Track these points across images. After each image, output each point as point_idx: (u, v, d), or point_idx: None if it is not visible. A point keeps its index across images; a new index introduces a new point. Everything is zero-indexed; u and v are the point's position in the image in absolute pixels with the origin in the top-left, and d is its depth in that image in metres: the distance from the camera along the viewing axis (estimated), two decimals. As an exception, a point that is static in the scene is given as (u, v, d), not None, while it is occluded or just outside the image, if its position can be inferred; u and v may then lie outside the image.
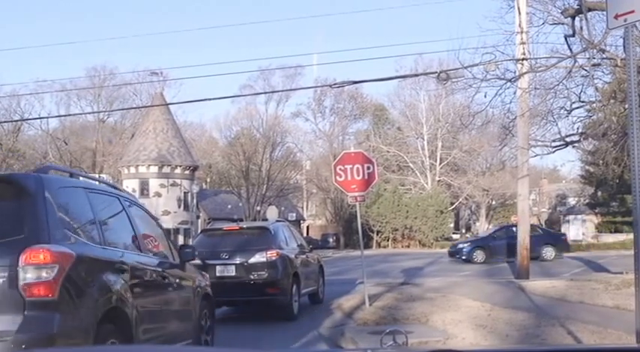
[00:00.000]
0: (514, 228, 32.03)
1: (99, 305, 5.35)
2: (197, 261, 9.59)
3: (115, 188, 7.36)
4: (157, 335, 6.47)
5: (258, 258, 12.26)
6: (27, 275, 4.86)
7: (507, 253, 29.36)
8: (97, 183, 7.16)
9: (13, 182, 5.58)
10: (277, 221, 16.73)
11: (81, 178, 6.63)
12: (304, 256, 14.18)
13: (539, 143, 19.67)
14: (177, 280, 7.37)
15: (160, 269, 6.91)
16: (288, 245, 13.50)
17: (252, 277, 12.14)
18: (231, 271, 12.13)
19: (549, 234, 32.53)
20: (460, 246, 32.10)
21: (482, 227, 75.96)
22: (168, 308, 6.97)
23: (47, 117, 55.45)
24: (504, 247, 29.77)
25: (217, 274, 11.90)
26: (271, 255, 12.28)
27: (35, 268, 4.87)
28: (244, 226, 15.38)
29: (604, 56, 14.79)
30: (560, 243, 31.12)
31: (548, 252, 29.81)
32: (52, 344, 4.79)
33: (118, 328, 5.60)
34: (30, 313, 4.83)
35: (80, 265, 5.23)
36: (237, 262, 12.26)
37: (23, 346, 4.70)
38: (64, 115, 56.58)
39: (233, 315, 13.16)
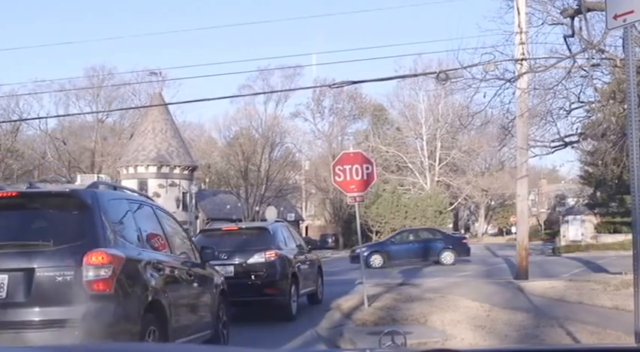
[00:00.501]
0: (417, 233, 32.36)
1: (143, 298, 6.38)
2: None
3: (147, 197, 8.53)
4: (185, 325, 7.36)
5: (257, 258, 12.25)
6: (89, 274, 5.92)
7: (410, 256, 29.52)
8: (134, 194, 8.19)
9: (74, 196, 6.61)
10: (276, 221, 16.76)
11: (124, 190, 7.94)
12: (303, 256, 14.16)
13: (539, 143, 19.67)
14: (200, 277, 8.25)
15: (186, 268, 7.86)
16: (287, 245, 13.49)
17: (250, 277, 12.15)
18: (230, 271, 12.12)
19: (449, 238, 31.54)
20: (358, 251, 31.38)
21: (482, 227, 76.15)
22: (193, 301, 7.86)
23: (46, 117, 55.53)
24: (405, 251, 29.73)
25: None
26: (270, 255, 12.28)
27: (95, 268, 5.93)
28: (243, 226, 15.38)
29: (603, 56, 14.79)
30: (459, 246, 30.29)
31: (448, 257, 29.26)
32: (108, 331, 5.87)
33: (156, 317, 6.57)
34: (91, 304, 5.87)
35: (128, 265, 6.25)
36: (236, 262, 12.23)
37: (87, 332, 5.74)
38: (63, 115, 56.60)
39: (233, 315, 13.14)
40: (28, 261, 5.99)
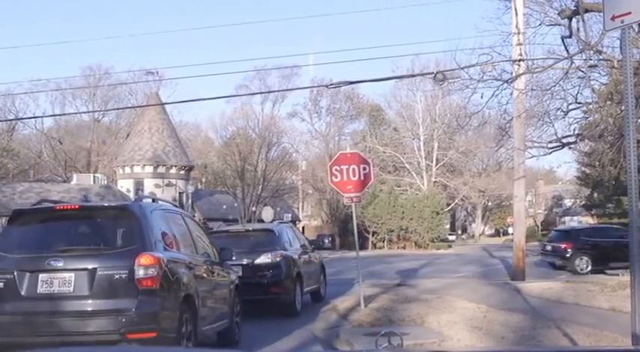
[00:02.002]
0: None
1: (179, 291, 7.67)
2: None
3: (176, 206, 9.99)
4: (208, 315, 8.60)
5: (263, 258, 12.81)
6: (140, 273, 7.18)
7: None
8: (168, 204, 9.45)
9: (125, 209, 8.07)
10: (280, 222, 17.28)
11: (159, 202, 9.09)
12: (307, 256, 14.71)
13: (536, 144, 19.67)
14: (219, 274, 9.52)
15: (209, 267, 9.08)
16: (292, 246, 14.05)
17: (257, 277, 12.67)
18: (238, 271, 12.39)
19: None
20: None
21: (479, 228, 76.21)
22: (215, 295, 9.08)
23: (42, 117, 55.42)
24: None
25: None
26: (276, 256, 12.86)
27: (144, 268, 7.20)
28: (250, 229, 15.93)
29: (601, 57, 14.79)
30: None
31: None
32: (156, 319, 7.17)
33: (189, 308, 7.82)
34: (142, 297, 7.15)
35: (169, 265, 7.52)
36: (244, 263, 12.61)
37: (137, 320, 7.07)
38: (59, 115, 56.52)
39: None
40: (90, 262, 7.30)
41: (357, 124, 68.51)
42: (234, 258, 11.98)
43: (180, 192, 41.83)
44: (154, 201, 8.91)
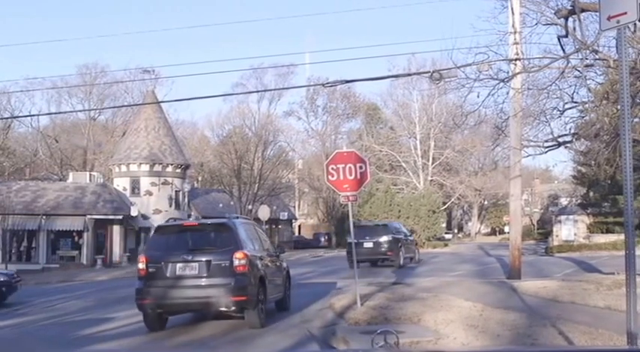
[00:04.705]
0: None
1: (257, 274, 11.94)
2: None
3: (249, 219, 14.88)
4: (272, 289, 12.69)
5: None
6: (235, 262, 11.44)
7: None
8: (247, 219, 14.65)
9: (225, 224, 12.34)
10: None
11: (242, 219, 13.61)
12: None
13: (532, 143, 19.70)
14: (278, 263, 13.81)
15: (271, 258, 13.36)
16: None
17: None
18: None
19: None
20: None
21: (475, 227, 76.31)
22: (275, 277, 13.19)
23: (38, 115, 55.37)
24: None
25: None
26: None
27: (238, 259, 11.46)
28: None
29: (597, 57, 14.80)
30: None
31: None
32: (245, 289, 11.33)
33: (262, 285, 11.99)
34: (237, 277, 11.39)
35: (251, 258, 11.76)
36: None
37: (234, 290, 11.31)
38: (55, 113, 56.38)
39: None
40: (207, 256, 11.60)
41: (354, 123, 68.65)
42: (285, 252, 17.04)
43: (176, 191, 41.76)
44: (238, 218, 13.43)
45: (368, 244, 25.97)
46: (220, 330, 11.85)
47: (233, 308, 11.43)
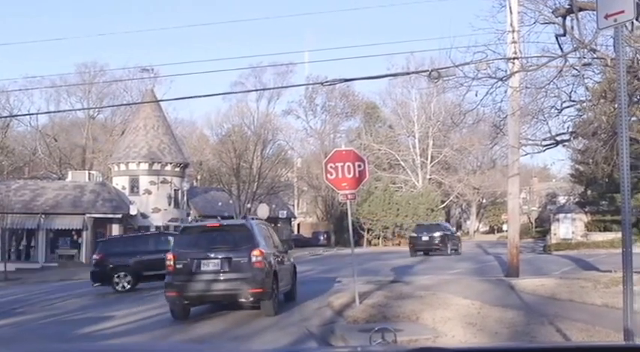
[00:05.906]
0: None
1: (271, 269, 13.15)
2: None
3: (262, 220, 16.23)
4: (283, 282, 13.95)
5: None
6: (253, 259, 12.74)
7: None
8: (261, 221, 16.50)
9: (244, 225, 13.98)
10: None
11: (257, 220, 15.90)
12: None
13: (530, 142, 19.73)
14: (286, 258, 15.18)
15: (282, 254, 14.80)
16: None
17: None
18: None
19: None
20: None
21: (473, 225, 76.34)
22: (284, 271, 14.50)
23: (36, 114, 55.24)
24: None
25: None
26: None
27: (255, 256, 12.76)
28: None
29: (594, 56, 14.84)
30: None
31: None
32: (262, 282, 12.65)
33: (275, 278, 13.16)
34: (255, 271, 12.70)
35: (266, 254, 13.03)
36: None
37: (252, 282, 12.60)
38: (54, 112, 56.34)
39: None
40: (228, 253, 12.94)
41: (352, 122, 68.61)
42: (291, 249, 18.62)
43: (175, 189, 41.76)
44: (254, 219, 15.70)
45: (425, 238, 35.59)
46: (220, 329, 11.89)
47: (251, 299, 12.74)
